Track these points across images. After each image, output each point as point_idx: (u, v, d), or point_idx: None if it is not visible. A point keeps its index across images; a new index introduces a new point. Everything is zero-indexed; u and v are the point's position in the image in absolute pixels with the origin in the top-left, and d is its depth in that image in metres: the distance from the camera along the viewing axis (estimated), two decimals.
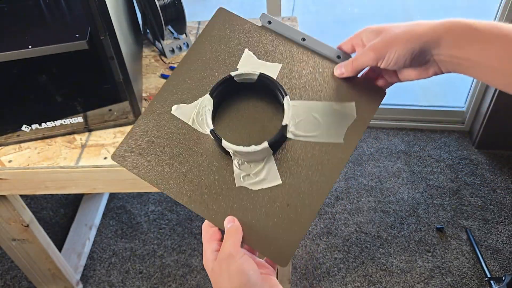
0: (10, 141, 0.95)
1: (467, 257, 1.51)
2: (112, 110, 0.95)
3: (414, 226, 1.61)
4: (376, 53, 0.47)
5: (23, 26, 0.90)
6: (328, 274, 1.50)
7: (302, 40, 0.55)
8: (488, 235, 1.57)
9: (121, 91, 0.90)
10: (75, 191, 0.96)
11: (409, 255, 1.53)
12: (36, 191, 0.97)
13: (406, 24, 0.47)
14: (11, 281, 1.53)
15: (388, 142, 1.93)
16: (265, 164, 0.50)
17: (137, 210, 1.73)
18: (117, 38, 0.82)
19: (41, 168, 0.91)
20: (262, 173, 0.50)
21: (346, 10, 2.95)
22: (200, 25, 1.31)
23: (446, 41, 0.44)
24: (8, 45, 0.82)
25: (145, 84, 1.10)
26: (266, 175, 0.50)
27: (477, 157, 1.84)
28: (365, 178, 1.79)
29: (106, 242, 1.63)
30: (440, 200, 1.69)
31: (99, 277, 1.53)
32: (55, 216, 1.73)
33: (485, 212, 1.64)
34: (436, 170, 1.80)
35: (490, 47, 0.42)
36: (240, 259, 0.45)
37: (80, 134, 0.97)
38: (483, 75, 0.45)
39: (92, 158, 0.91)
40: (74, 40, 0.82)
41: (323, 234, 1.61)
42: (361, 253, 1.55)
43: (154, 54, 1.20)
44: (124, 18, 0.96)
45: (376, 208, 1.68)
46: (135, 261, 1.57)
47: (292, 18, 1.30)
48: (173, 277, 1.51)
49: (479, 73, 0.45)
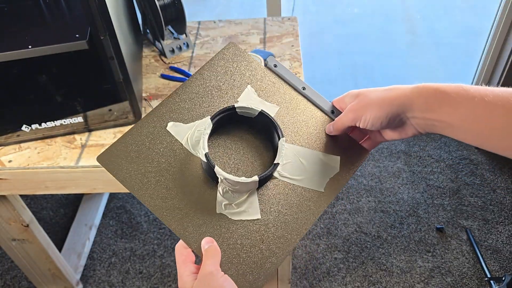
0: (10, 141, 0.95)
1: (467, 257, 1.51)
2: (112, 110, 0.95)
3: (414, 226, 1.61)
4: (353, 114, 0.52)
5: (23, 26, 0.90)
6: (328, 274, 1.50)
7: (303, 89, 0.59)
8: (488, 235, 1.57)
9: (121, 91, 0.90)
10: (75, 191, 0.96)
11: (409, 255, 1.53)
12: (36, 191, 0.97)
13: (382, 89, 0.51)
14: (11, 281, 1.54)
15: (388, 142, 1.93)
16: (248, 197, 0.52)
17: (137, 210, 1.73)
18: (117, 38, 0.82)
19: (41, 168, 0.91)
20: (244, 205, 0.52)
21: (346, 10, 2.95)
22: (200, 25, 1.31)
23: (418, 105, 0.47)
24: (8, 45, 0.82)
25: (145, 84, 1.10)
26: (247, 207, 0.52)
27: (477, 157, 1.84)
28: (365, 178, 1.79)
29: (106, 242, 1.63)
30: (440, 200, 1.69)
31: (99, 277, 1.53)
32: (55, 216, 1.73)
33: (485, 212, 1.64)
34: (436, 170, 1.80)
35: (459, 109, 0.45)
36: (221, 278, 0.45)
37: (80, 134, 0.97)
38: (458, 135, 0.47)
39: (92, 158, 0.91)
40: (74, 40, 0.82)
41: (323, 234, 1.62)
42: (361, 253, 1.55)
43: (154, 54, 1.20)
44: (124, 18, 0.96)
45: (376, 208, 1.68)
46: (135, 261, 1.57)
47: (292, 18, 1.30)
48: (173, 277, 1.51)
49: (454, 133, 0.47)
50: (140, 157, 0.53)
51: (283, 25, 1.28)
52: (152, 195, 0.51)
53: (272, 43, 1.20)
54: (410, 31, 2.72)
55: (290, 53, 1.16)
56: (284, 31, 1.25)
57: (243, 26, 1.28)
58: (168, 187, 0.52)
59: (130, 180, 0.51)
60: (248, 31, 1.26)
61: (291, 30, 1.25)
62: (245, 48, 1.19)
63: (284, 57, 1.14)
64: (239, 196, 0.52)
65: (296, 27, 1.27)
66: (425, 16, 2.87)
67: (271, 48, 1.17)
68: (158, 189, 0.51)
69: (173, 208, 0.51)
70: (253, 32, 1.25)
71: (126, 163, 0.52)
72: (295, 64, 1.11)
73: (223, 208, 0.51)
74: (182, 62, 1.16)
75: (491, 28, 1.73)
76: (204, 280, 0.45)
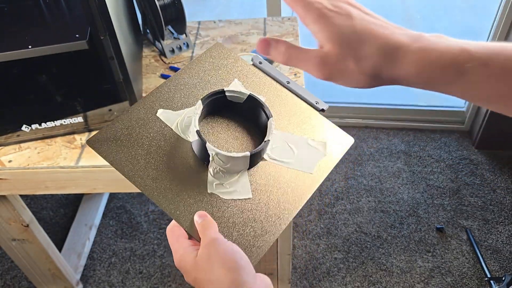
0: (10, 141, 0.95)
1: (467, 257, 1.51)
2: (112, 110, 0.95)
3: (414, 226, 1.61)
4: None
5: (23, 26, 0.90)
6: (328, 274, 1.50)
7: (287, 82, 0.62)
8: (488, 235, 1.57)
9: (121, 91, 0.90)
10: (75, 191, 0.96)
11: (409, 255, 1.53)
12: (36, 191, 0.97)
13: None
14: (11, 281, 1.54)
15: (388, 142, 1.93)
16: (239, 177, 0.53)
17: (137, 210, 1.73)
18: (117, 38, 0.82)
19: (41, 168, 0.91)
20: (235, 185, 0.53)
21: None
22: (200, 25, 1.31)
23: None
24: (8, 45, 0.82)
25: (145, 84, 1.10)
26: (238, 187, 0.53)
27: (477, 157, 1.84)
28: (365, 178, 1.79)
29: (106, 242, 1.63)
30: (440, 200, 1.69)
31: (99, 277, 1.53)
32: (55, 216, 1.73)
33: (485, 212, 1.64)
34: (436, 170, 1.80)
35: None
36: (227, 242, 0.44)
37: (80, 134, 0.97)
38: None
39: (92, 158, 0.91)
40: (74, 40, 0.82)
41: (323, 234, 1.61)
42: (361, 253, 1.55)
43: (154, 54, 1.20)
44: (124, 18, 0.96)
45: (376, 208, 1.68)
46: (135, 261, 1.57)
47: (292, 18, 1.30)
48: (173, 277, 1.51)
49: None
50: (130, 140, 0.54)
51: (283, 25, 1.28)
52: (142, 176, 0.52)
53: None
54: None
55: None
56: (284, 31, 1.25)
57: (243, 26, 1.28)
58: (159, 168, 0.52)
59: (120, 162, 0.52)
60: (248, 31, 1.26)
61: (291, 30, 1.25)
62: (245, 48, 1.19)
63: None
64: (230, 177, 0.53)
65: (296, 27, 1.27)
66: (425, 16, 2.87)
67: None
68: (149, 170, 0.52)
69: (164, 189, 0.51)
70: (253, 32, 1.25)
71: (116, 146, 0.53)
72: None
73: (214, 187, 0.52)
74: (182, 62, 1.16)
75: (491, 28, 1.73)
76: (209, 247, 0.43)
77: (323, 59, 0.38)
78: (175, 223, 0.50)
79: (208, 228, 0.46)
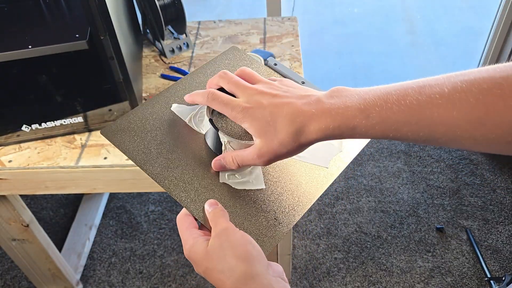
0: (10, 141, 0.95)
1: (467, 257, 1.51)
2: (112, 110, 0.95)
3: (414, 226, 1.61)
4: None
5: (23, 26, 0.90)
6: (328, 274, 1.50)
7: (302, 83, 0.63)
8: (488, 235, 1.57)
9: (121, 91, 0.90)
10: (75, 191, 0.96)
11: (409, 255, 1.53)
12: (36, 191, 0.97)
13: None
14: (11, 281, 1.54)
15: (388, 142, 1.93)
16: (252, 168, 0.53)
17: (137, 210, 1.73)
18: (117, 38, 0.82)
19: (41, 168, 0.91)
20: (248, 176, 0.52)
21: (346, 10, 2.95)
22: (200, 25, 1.31)
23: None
24: (8, 45, 0.82)
25: (145, 84, 1.10)
26: (251, 178, 0.52)
27: (477, 157, 1.84)
28: (365, 178, 1.79)
29: (106, 242, 1.63)
30: (440, 200, 1.69)
31: (99, 277, 1.53)
32: (55, 216, 1.73)
33: (485, 212, 1.64)
34: (436, 170, 1.80)
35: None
36: (239, 231, 0.43)
37: (80, 134, 0.97)
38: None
39: (92, 158, 0.91)
40: (74, 40, 0.82)
41: (323, 234, 1.61)
42: (361, 253, 1.55)
43: (154, 54, 1.20)
44: (124, 18, 0.96)
45: (376, 208, 1.68)
46: (135, 261, 1.57)
47: (292, 18, 1.30)
48: (173, 277, 1.51)
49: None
50: (144, 131, 0.55)
51: (283, 25, 1.28)
52: (154, 165, 0.52)
53: (272, 43, 1.20)
54: (410, 31, 2.72)
55: (290, 53, 1.15)
56: (284, 31, 1.25)
57: (243, 26, 1.28)
58: (171, 158, 0.53)
59: (133, 151, 0.53)
60: (248, 31, 1.26)
61: (291, 30, 1.25)
62: (245, 48, 1.19)
63: (284, 57, 1.14)
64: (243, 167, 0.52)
65: (296, 27, 1.27)
66: (425, 16, 2.87)
67: (271, 48, 1.17)
68: (160, 159, 0.52)
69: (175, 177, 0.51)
70: (253, 32, 1.25)
71: (129, 136, 0.54)
72: (295, 64, 1.11)
73: (226, 178, 0.52)
74: (182, 62, 1.16)
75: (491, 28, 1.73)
76: (221, 236, 0.42)
77: (259, 152, 0.45)
78: (185, 212, 0.48)
79: (219, 216, 0.45)
